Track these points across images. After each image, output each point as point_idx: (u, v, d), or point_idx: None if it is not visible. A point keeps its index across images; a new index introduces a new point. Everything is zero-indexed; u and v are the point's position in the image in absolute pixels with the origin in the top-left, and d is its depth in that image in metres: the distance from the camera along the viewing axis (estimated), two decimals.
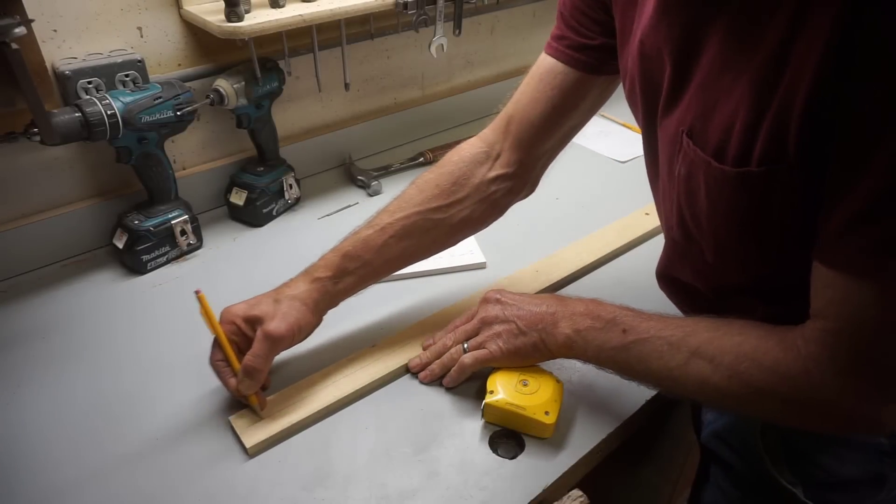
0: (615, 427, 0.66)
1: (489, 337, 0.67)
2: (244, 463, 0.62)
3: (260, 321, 0.65)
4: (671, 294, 0.72)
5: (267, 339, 0.63)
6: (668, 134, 0.56)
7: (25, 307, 0.82)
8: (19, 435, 0.65)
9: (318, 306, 0.68)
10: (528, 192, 0.78)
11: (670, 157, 0.56)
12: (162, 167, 0.87)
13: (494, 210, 0.75)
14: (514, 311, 0.66)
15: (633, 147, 1.24)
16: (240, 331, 0.65)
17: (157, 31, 0.89)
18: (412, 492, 0.60)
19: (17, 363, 0.74)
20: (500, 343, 0.66)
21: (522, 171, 0.74)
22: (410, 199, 0.71)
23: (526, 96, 0.72)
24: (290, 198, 1.03)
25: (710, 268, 0.59)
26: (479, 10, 1.23)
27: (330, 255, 0.70)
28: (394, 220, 0.70)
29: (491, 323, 0.68)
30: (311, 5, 0.90)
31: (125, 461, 0.63)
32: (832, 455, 0.62)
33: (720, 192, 0.51)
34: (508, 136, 0.73)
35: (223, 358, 0.65)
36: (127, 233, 0.87)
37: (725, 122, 0.48)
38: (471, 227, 0.75)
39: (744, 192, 0.49)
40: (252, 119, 0.95)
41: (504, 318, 0.67)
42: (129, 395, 0.70)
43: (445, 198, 0.71)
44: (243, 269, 0.90)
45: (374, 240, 0.69)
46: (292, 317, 0.65)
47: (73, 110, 0.76)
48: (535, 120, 0.71)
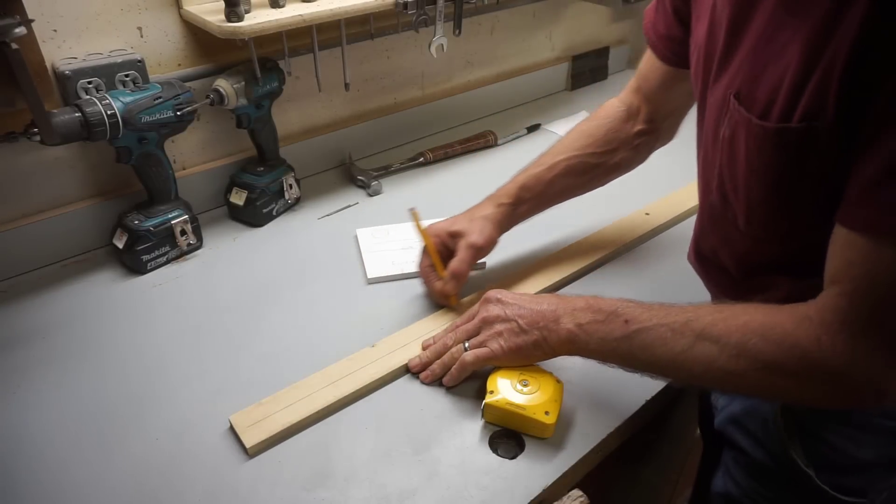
0: (615, 427, 0.66)
1: (490, 336, 0.67)
2: (244, 463, 0.62)
3: (461, 235, 0.79)
4: (700, 271, 0.74)
5: (470, 248, 0.78)
6: (717, 99, 0.59)
7: (25, 307, 0.82)
8: (19, 435, 0.65)
9: (501, 226, 0.82)
10: (667, 140, 0.87)
11: (716, 122, 0.59)
12: (162, 167, 0.87)
13: (638, 157, 0.86)
14: (514, 311, 0.67)
15: None
16: (442, 243, 0.81)
17: (157, 31, 0.89)
18: (412, 492, 0.60)
19: (17, 363, 0.74)
20: (501, 342, 0.66)
21: (659, 125, 0.84)
22: (570, 144, 0.84)
23: (646, 65, 0.81)
24: (290, 198, 1.03)
25: (741, 236, 0.61)
26: (479, 10, 1.23)
27: (508, 185, 0.84)
28: (557, 160, 0.83)
29: (492, 322, 0.68)
30: (311, 5, 0.90)
31: (125, 461, 0.63)
32: (848, 438, 0.62)
33: (759, 150, 0.53)
34: (640, 98, 0.83)
35: (430, 264, 0.81)
36: (127, 233, 0.87)
37: (773, 84, 0.51)
38: (620, 171, 0.86)
39: (782, 149, 0.51)
40: (252, 119, 0.95)
41: (505, 317, 0.67)
42: (129, 396, 0.70)
43: (599, 146, 0.83)
44: (243, 269, 0.90)
45: (544, 175, 0.83)
46: (487, 231, 0.79)
47: (73, 110, 0.76)
48: (655, 85, 0.80)
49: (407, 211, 0.83)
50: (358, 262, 0.92)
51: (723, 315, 0.56)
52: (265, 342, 0.77)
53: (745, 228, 0.60)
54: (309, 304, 0.83)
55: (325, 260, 0.92)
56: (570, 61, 1.47)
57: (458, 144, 1.20)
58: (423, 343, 0.74)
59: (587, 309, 0.63)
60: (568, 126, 1.32)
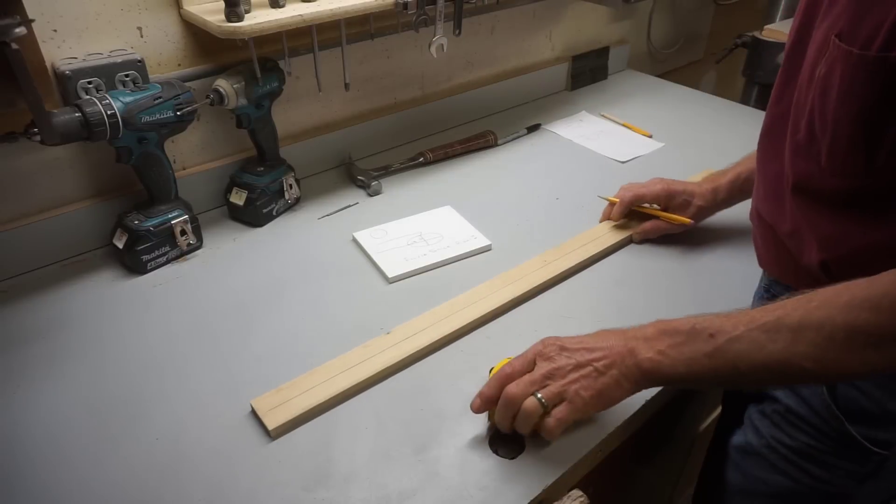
0: (615, 427, 0.66)
1: (565, 386, 0.61)
2: (244, 463, 0.63)
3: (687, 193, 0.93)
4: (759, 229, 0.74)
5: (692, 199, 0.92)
6: (818, 42, 0.59)
7: (25, 307, 0.82)
8: (19, 435, 0.65)
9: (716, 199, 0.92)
10: None
11: (814, 63, 0.59)
12: (162, 167, 0.87)
13: None
14: (584, 356, 0.61)
15: (634, 147, 1.24)
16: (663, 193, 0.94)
17: (157, 31, 0.89)
18: (412, 492, 0.60)
19: (18, 363, 0.74)
20: (582, 392, 0.60)
21: None
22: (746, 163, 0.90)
23: None
24: (290, 198, 1.03)
25: (820, 171, 0.60)
26: (479, 10, 1.23)
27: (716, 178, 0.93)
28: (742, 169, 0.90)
29: (564, 373, 0.61)
30: (311, 5, 0.90)
31: (125, 461, 0.63)
32: (883, 388, 0.61)
33: (853, 80, 0.53)
34: None
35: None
36: (127, 233, 0.87)
37: (876, 21, 0.51)
38: None
39: (877, 79, 0.52)
40: (252, 119, 0.95)
41: (576, 364, 0.61)
42: (129, 396, 0.70)
43: None
44: (243, 269, 0.90)
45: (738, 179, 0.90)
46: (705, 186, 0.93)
47: (73, 110, 0.76)
48: None
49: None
50: (358, 262, 0.92)
51: (816, 302, 0.52)
52: (265, 343, 0.77)
53: (825, 163, 0.58)
54: (309, 304, 0.83)
55: (326, 260, 0.92)
56: (570, 61, 1.47)
57: (458, 144, 1.20)
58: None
59: (661, 334, 0.59)
60: (568, 126, 1.34)
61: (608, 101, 1.45)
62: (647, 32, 1.70)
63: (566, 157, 1.21)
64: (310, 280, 0.88)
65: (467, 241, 0.95)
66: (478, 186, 1.11)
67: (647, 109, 1.40)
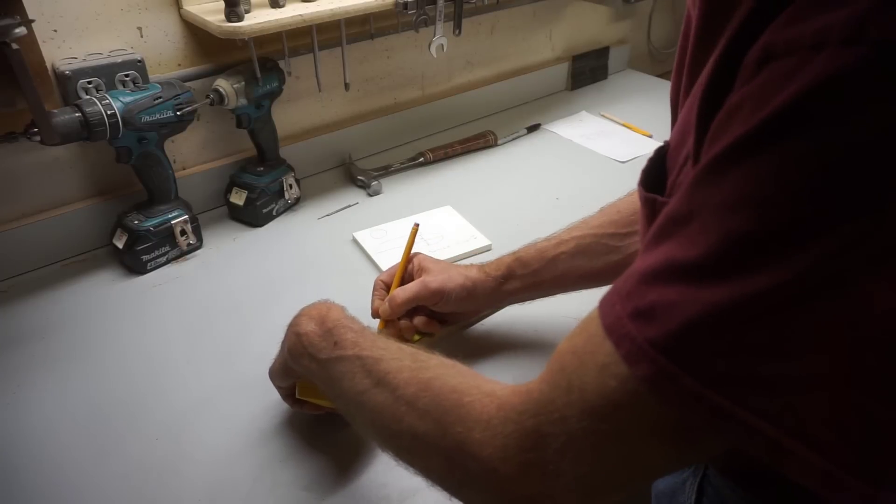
0: None
1: None
2: (244, 463, 0.63)
3: (427, 272, 0.71)
4: None
5: (420, 284, 0.69)
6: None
7: (25, 307, 0.82)
8: (19, 435, 0.65)
9: (476, 292, 0.70)
10: None
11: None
12: (162, 167, 0.87)
13: None
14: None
15: (634, 147, 1.24)
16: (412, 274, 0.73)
17: (157, 31, 0.89)
18: (412, 492, 0.60)
19: (17, 363, 0.74)
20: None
21: None
22: (591, 220, 0.71)
23: None
24: (290, 198, 1.03)
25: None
26: (479, 10, 1.23)
27: (504, 256, 0.72)
28: (570, 237, 0.70)
29: None
30: (311, 5, 0.90)
31: (124, 461, 0.63)
32: None
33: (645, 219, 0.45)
34: None
35: (387, 281, 0.73)
36: (127, 233, 0.87)
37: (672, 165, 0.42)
38: None
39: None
40: (252, 119, 0.95)
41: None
42: (129, 396, 0.70)
43: (623, 227, 0.68)
44: (243, 269, 0.90)
45: (547, 252, 0.70)
46: (449, 283, 0.69)
47: (73, 110, 0.76)
48: None
49: (412, 224, 0.77)
50: (358, 262, 0.92)
51: (417, 365, 0.48)
52: (265, 342, 0.77)
53: None
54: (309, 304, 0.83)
55: (325, 260, 0.92)
56: (570, 61, 1.47)
57: (458, 144, 1.20)
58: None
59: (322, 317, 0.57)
60: (568, 126, 1.34)
61: (608, 101, 1.45)
62: (647, 32, 1.70)
63: (566, 157, 1.21)
64: (310, 280, 0.88)
65: (467, 241, 0.95)
66: (478, 186, 1.11)
67: (647, 109, 1.40)
